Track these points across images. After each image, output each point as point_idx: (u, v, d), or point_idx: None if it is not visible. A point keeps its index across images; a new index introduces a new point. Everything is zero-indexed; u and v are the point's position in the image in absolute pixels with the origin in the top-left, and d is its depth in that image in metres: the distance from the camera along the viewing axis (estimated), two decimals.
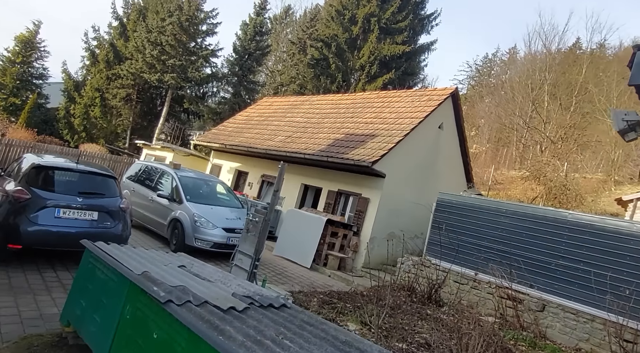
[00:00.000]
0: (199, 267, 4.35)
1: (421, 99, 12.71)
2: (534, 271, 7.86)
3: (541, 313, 7.47)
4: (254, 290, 3.81)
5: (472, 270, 8.56)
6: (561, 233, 7.71)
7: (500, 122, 29.99)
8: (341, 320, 6.21)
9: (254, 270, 6.20)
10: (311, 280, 9.46)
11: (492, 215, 8.88)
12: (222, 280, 4.00)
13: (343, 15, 29.16)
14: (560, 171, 16.64)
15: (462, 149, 13.34)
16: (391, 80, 27.51)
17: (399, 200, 11.58)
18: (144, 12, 28.24)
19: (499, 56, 48.37)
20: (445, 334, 6.22)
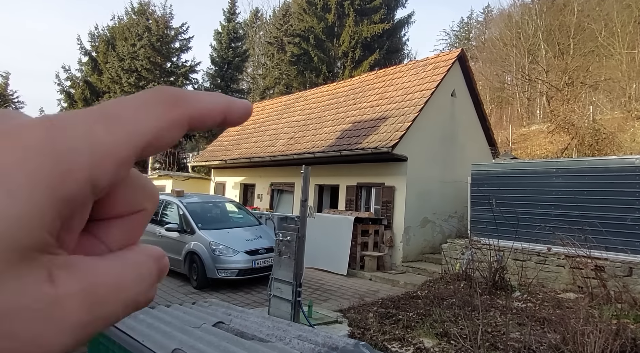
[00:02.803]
0: (239, 318, 3.31)
1: (426, 69, 11.65)
2: (606, 231, 6.84)
3: (629, 277, 6.45)
4: (322, 341, 2.79)
5: (529, 243, 7.53)
6: (631, 183, 6.68)
7: (499, 81, 28.93)
8: (412, 336, 5.20)
9: (298, 298, 5.18)
10: (353, 288, 8.47)
11: (541, 177, 7.85)
12: (274, 333, 2.97)
13: (315, 5, 28.08)
14: (586, 116, 15.62)
15: (479, 113, 12.29)
16: (377, 61, 26.52)
17: (426, 182, 10.56)
18: (111, 41, 27.14)
19: (474, 18, 47.28)
20: (538, 330, 5.22)
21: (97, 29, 28.60)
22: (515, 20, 27.50)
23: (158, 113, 0.20)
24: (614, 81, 19.83)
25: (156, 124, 0.20)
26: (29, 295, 0.17)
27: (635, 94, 18.73)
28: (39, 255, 0.17)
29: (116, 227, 0.21)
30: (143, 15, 27.11)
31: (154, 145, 0.20)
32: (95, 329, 0.19)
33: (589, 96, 20.36)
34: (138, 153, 0.20)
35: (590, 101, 18.62)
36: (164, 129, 0.20)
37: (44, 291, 0.17)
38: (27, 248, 0.17)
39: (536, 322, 5.48)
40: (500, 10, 37.55)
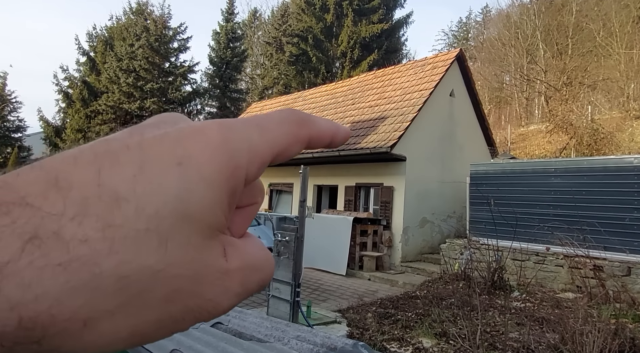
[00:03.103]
0: (238, 318, 3.29)
1: (425, 69, 11.65)
2: (605, 231, 6.84)
3: (628, 277, 6.46)
4: (320, 341, 2.78)
5: (528, 243, 7.53)
6: (629, 183, 6.69)
7: (498, 81, 28.94)
8: (411, 336, 5.19)
9: (296, 298, 5.16)
10: (352, 288, 8.46)
11: (540, 177, 7.85)
12: (273, 333, 2.95)
13: (314, 5, 28.04)
14: (585, 115, 15.63)
15: (478, 113, 12.30)
16: (375, 61, 26.49)
17: (425, 182, 10.56)
18: (110, 41, 27.06)
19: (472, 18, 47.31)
20: (537, 329, 5.22)
21: (95, 29, 28.54)
22: (513, 21, 27.54)
23: (292, 130, 0.24)
24: (612, 81, 19.86)
25: (290, 139, 0.24)
26: (213, 266, 0.21)
27: (634, 94, 18.76)
28: (219, 233, 0.21)
29: (238, 216, 0.24)
30: (141, 15, 27.07)
31: (282, 154, 0.24)
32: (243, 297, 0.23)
33: (587, 96, 20.39)
34: (272, 159, 0.24)
35: (588, 101, 18.65)
36: (292, 143, 0.24)
37: (221, 264, 0.21)
38: (215, 227, 0.21)
39: (535, 322, 5.48)
40: (499, 10, 37.61)
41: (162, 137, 0.21)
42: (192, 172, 0.20)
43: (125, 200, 0.18)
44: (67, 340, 0.18)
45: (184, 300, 0.20)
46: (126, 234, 0.18)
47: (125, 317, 0.19)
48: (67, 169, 0.19)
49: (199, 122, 0.23)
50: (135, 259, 0.18)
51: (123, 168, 0.19)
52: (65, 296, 0.17)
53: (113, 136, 0.21)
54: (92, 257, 0.18)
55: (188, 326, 0.22)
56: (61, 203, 0.18)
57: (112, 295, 0.18)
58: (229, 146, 0.21)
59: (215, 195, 0.20)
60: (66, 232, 0.17)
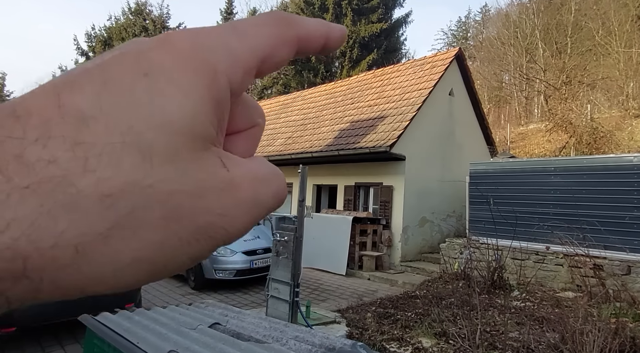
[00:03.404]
0: (236, 319, 3.27)
1: (424, 68, 11.63)
2: (605, 230, 6.83)
3: (628, 276, 6.44)
4: (319, 342, 2.76)
5: (528, 242, 7.51)
6: (629, 181, 6.67)
7: (497, 80, 28.91)
8: (410, 336, 5.17)
9: (295, 298, 5.14)
10: (352, 288, 8.44)
11: (539, 176, 7.84)
12: (271, 334, 2.93)
13: (312, 4, 28.05)
14: (584, 114, 15.62)
15: (477, 112, 12.28)
16: (375, 61, 26.50)
17: (425, 181, 10.54)
18: (109, 42, 27.08)
19: (472, 17, 47.29)
20: (537, 329, 5.20)
21: (94, 30, 28.57)
22: (512, 20, 27.52)
23: (275, 31, 0.22)
24: (612, 80, 19.85)
25: (273, 41, 0.22)
26: (213, 177, 0.20)
27: (633, 93, 18.75)
28: (211, 145, 0.20)
29: (240, 140, 0.24)
30: (140, 15, 27.09)
31: (269, 60, 0.22)
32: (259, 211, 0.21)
33: (586, 95, 20.37)
34: (258, 65, 0.22)
35: (588, 100, 18.63)
36: (278, 45, 0.22)
37: (222, 174, 0.20)
38: (204, 138, 0.19)
39: (535, 321, 5.46)
40: (498, 9, 37.59)
41: (123, 54, 0.19)
42: (162, 80, 0.18)
43: (92, 118, 0.17)
44: (63, 273, 0.17)
45: (190, 218, 0.19)
46: (100, 151, 0.17)
47: (122, 240, 0.17)
48: (24, 100, 0.18)
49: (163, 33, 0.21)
50: (115, 176, 0.17)
51: (84, 88, 0.18)
52: (43, 220, 0.16)
53: (72, 68, 0.20)
54: (65, 177, 0.16)
55: (207, 250, 0.20)
56: (20, 129, 0.17)
57: (100, 217, 0.17)
58: (202, 51, 0.20)
59: (194, 102, 0.19)
60: (30, 155, 0.16)
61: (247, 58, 0.21)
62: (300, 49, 0.23)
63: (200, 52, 0.20)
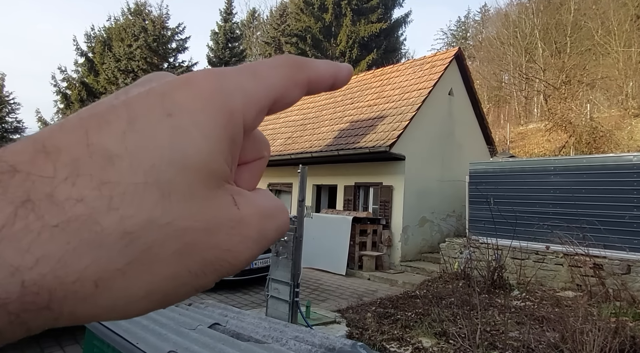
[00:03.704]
0: (236, 319, 3.27)
1: (423, 68, 11.63)
2: (605, 229, 6.83)
3: (628, 275, 6.44)
4: (318, 342, 2.75)
5: (528, 242, 7.51)
6: (629, 181, 6.67)
7: (497, 80, 28.93)
8: (410, 336, 5.17)
9: (295, 299, 5.14)
10: (352, 288, 8.44)
11: (539, 175, 7.84)
12: (271, 334, 2.93)
13: (312, 5, 28.02)
14: (584, 114, 15.64)
15: (477, 112, 12.28)
16: (374, 61, 26.49)
17: (424, 181, 10.54)
18: (108, 42, 27.01)
19: (471, 17, 47.31)
20: (537, 328, 5.20)
21: (93, 30, 28.49)
22: (512, 19, 27.54)
23: (288, 74, 0.23)
24: (611, 79, 19.86)
25: (286, 83, 0.23)
26: (225, 215, 0.20)
27: (632, 92, 18.75)
28: (225, 183, 0.21)
29: (246, 171, 0.25)
30: (139, 15, 27.02)
31: (281, 100, 0.23)
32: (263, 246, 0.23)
33: (586, 94, 20.38)
34: (270, 105, 0.23)
35: (587, 99, 18.63)
36: (290, 87, 0.23)
37: (234, 212, 0.21)
38: (219, 176, 0.20)
39: (535, 321, 5.46)
40: (497, 9, 37.64)
41: (148, 92, 0.20)
42: (185, 121, 0.19)
43: (117, 157, 0.18)
44: (81, 304, 0.17)
45: (200, 252, 0.20)
46: (124, 190, 0.18)
47: (139, 275, 0.18)
48: (53, 136, 0.18)
49: (187, 73, 0.22)
50: (137, 214, 0.18)
51: (111, 126, 0.18)
52: (69, 257, 0.17)
53: (98, 101, 0.20)
54: (90, 216, 0.17)
55: (211, 281, 0.21)
56: (51, 167, 0.17)
57: (120, 253, 0.18)
58: (221, 93, 0.21)
59: (213, 142, 0.20)
60: (60, 193, 0.17)
61: (262, 99, 0.22)
62: (310, 90, 0.25)
63: (220, 94, 0.21)
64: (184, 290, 0.20)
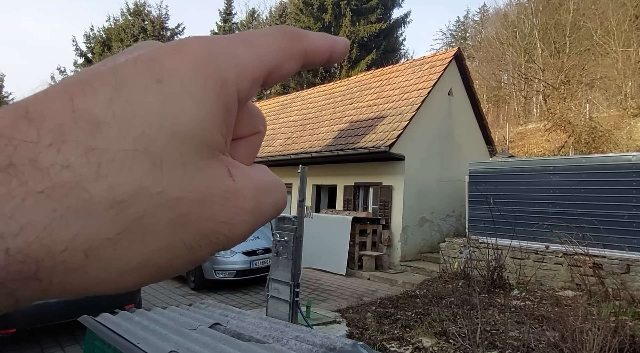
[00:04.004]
0: (236, 319, 3.27)
1: (423, 68, 11.64)
2: (604, 229, 6.84)
3: (627, 275, 6.45)
4: (319, 341, 2.76)
5: (527, 242, 7.52)
6: (628, 180, 6.68)
7: (496, 80, 28.96)
8: (410, 335, 5.18)
9: (295, 299, 5.14)
10: (352, 288, 8.45)
11: (538, 175, 7.85)
12: (272, 334, 2.94)
13: (311, 5, 28.04)
14: (583, 114, 15.67)
15: (476, 112, 12.29)
16: (374, 61, 26.52)
17: (424, 181, 10.55)
18: (107, 42, 27.05)
19: (470, 17, 47.36)
20: (537, 328, 5.21)
21: (93, 30, 28.54)
22: (511, 19, 27.56)
23: (283, 44, 0.23)
24: (610, 79, 19.90)
25: (280, 53, 0.22)
26: (219, 186, 0.20)
27: (631, 92, 18.79)
28: (219, 153, 0.20)
29: (242, 146, 0.24)
30: (139, 16, 27.07)
31: (276, 71, 0.22)
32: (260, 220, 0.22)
33: (585, 94, 20.41)
34: (264, 76, 0.22)
35: (586, 99, 18.66)
36: (285, 58, 0.23)
37: (229, 183, 0.20)
38: (212, 146, 0.20)
39: (535, 320, 5.47)
40: (496, 9, 37.69)
41: (136, 59, 0.19)
42: (175, 87, 0.19)
43: (105, 124, 0.17)
44: (71, 275, 0.17)
45: (195, 224, 0.19)
46: (113, 157, 0.17)
47: (130, 245, 0.18)
48: (37, 102, 0.17)
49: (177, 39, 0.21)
50: (127, 182, 0.17)
51: (97, 92, 0.18)
52: (56, 225, 0.16)
53: (85, 69, 0.20)
54: (78, 183, 0.16)
55: (207, 254, 0.20)
56: (35, 132, 0.16)
57: (110, 222, 0.17)
58: (213, 59, 0.20)
59: (205, 110, 0.19)
60: (44, 159, 0.16)
61: (255, 68, 0.21)
62: (307, 62, 0.24)
63: (212, 60, 0.20)
64: (178, 263, 0.20)
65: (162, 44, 0.21)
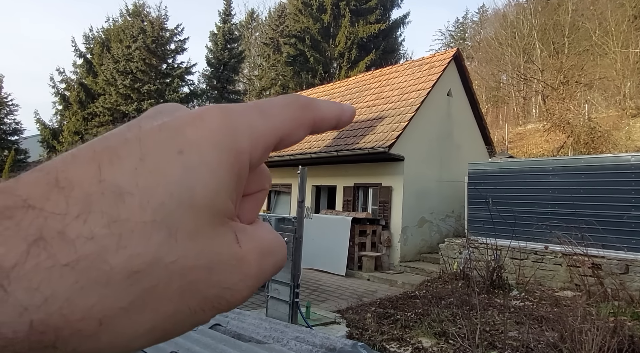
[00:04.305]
0: (236, 320, 3.28)
1: (422, 69, 11.67)
2: (603, 229, 6.86)
3: (626, 275, 6.47)
4: (319, 342, 2.77)
5: (527, 242, 7.53)
6: (627, 181, 6.70)
7: (495, 80, 29.02)
8: (410, 336, 5.19)
9: (295, 299, 5.15)
10: (351, 289, 8.46)
11: (537, 176, 7.87)
12: (272, 334, 2.94)
13: (310, 6, 28.03)
14: (582, 114, 15.71)
15: (476, 113, 12.32)
16: (373, 62, 26.50)
17: (423, 182, 10.57)
18: (106, 43, 27.01)
19: (469, 18, 47.42)
20: (536, 328, 5.22)
21: (92, 31, 28.48)
22: (510, 20, 27.61)
23: (295, 114, 0.24)
24: (609, 80, 19.94)
25: (292, 123, 0.24)
26: (227, 253, 0.21)
27: (630, 92, 18.84)
28: (228, 220, 0.21)
29: (247, 203, 0.25)
30: (138, 16, 27.03)
31: (286, 139, 0.24)
32: (260, 282, 0.23)
33: (584, 95, 20.46)
34: (276, 144, 0.23)
35: (585, 100, 18.72)
36: (295, 127, 0.24)
37: (236, 250, 0.21)
38: (223, 215, 0.20)
39: (534, 321, 5.49)
40: (495, 10, 37.68)
41: (161, 127, 0.20)
42: (195, 159, 0.20)
43: (129, 194, 0.18)
44: (84, 342, 0.17)
45: (202, 291, 0.20)
46: (133, 228, 0.18)
47: (142, 313, 0.18)
48: (67, 169, 0.18)
49: (198, 108, 0.22)
50: (145, 252, 0.18)
51: (123, 162, 0.19)
52: (76, 296, 0.17)
53: (111, 132, 0.21)
54: (100, 254, 0.17)
55: (209, 317, 0.21)
56: (64, 203, 0.17)
57: (125, 292, 0.18)
58: (230, 131, 0.21)
59: (220, 181, 0.20)
60: (71, 231, 0.17)
61: (268, 137, 0.23)
62: (314, 129, 0.25)
63: (229, 132, 0.21)
64: (182, 327, 0.20)
65: (185, 110, 0.23)
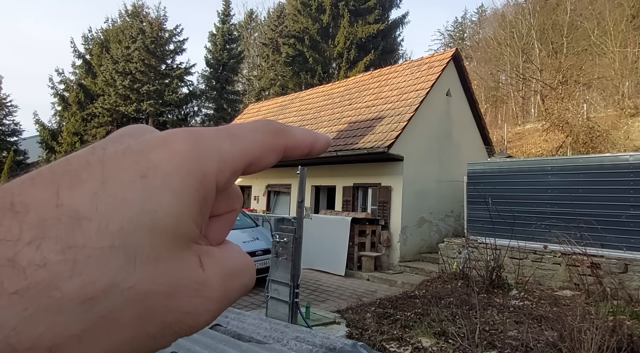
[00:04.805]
0: (236, 320, 3.28)
1: (421, 69, 11.68)
2: (602, 228, 6.87)
3: (625, 274, 6.48)
4: (319, 342, 2.77)
5: (526, 242, 7.54)
6: (625, 180, 6.72)
7: (494, 80, 29.07)
8: (410, 336, 5.19)
9: (295, 299, 5.16)
10: (351, 289, 8.46)
11: (536, 175, 7.88)
12: (272, 334, 2.94)
13: (310, 6, 28.04)
14: (580, 114, 15.75)
15: (475, 113, 12.34)
16: (372, 62, 26.51)
17: (423, 181, 10.58)
18: (106, 44, 26.98)
19: (468, 18, 47.45)
20: (535, 327, 5.23)
21: (91, 32, 28.47)
22: (508, 20, 27.65)
23: (266, 139, 0.24)
24: (607, 79, 19.98)
25: (262, 148, 0.24)
26: (189, 277, 0.20)
27: (628, 92, 18.88)
28: (192, 244, 0.21)
29: (216, 224, 0.24)
30: (137, 17, 27.01)
31: (256, 164, 0.24)
32: (225, 306, 0.22)
33: (582, 94, 20.51)
34: (244, 167, 0.23)
35: (584, 99, 18.76)
36: (265, 152, 0.24)
37: (198, 274, 0.21)
38: (186, 238, 0.20)
39: (533, 320, 5.49)
40: (494, 10, 37.73)
41: (125, 151, 0.20)
42: (158, 183, 0.19)
43: (86, 219, 0.17)
44: None
45: (160, 316, 0.19)
46: (89, 254, 0.17)
47: (96, 340, 0.17)
48: (23, 192, 0.18)
49: (165, 131, 0.22)
50: (100, 278, 0.17)
51: (84, 185, 0.18)
52: (24, 324, 0.16)
53: (74, 154, 0.20)
54: (52, 281, 0.16)
55: (169, 342, 0.20)
56: (17, 228, 0.17)
57: (78, 319, 0.17)
58: (196, 154, 0.21)
59: (183, 205, 0.19)
60: (22, 258, 0.16)
61: (236, 161, 0.22)
62: (286, 155, 0.25)
63: (196, 156, 0.21)
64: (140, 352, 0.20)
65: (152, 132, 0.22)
